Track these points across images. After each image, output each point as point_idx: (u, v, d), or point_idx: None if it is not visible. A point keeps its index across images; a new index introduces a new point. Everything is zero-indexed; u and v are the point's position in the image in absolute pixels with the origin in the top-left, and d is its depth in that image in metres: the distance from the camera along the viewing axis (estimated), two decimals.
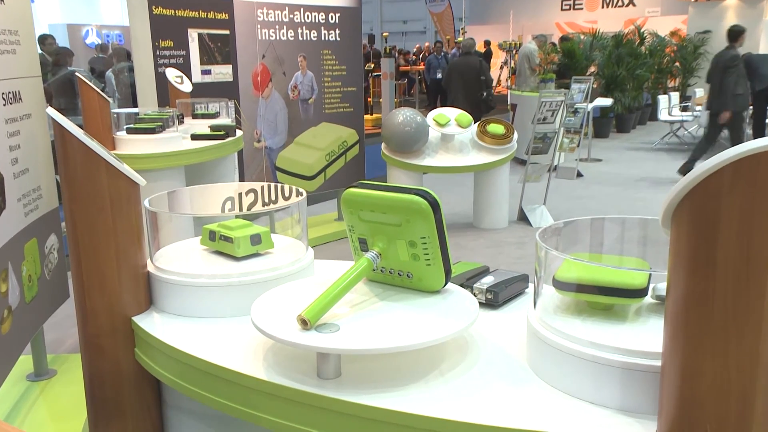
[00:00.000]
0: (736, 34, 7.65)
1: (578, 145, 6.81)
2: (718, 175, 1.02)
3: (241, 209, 2.32)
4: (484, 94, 9.06)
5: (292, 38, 5.35)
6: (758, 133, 8.95)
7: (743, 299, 1.02)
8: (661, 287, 1.52)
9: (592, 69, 11.92)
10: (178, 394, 1.90)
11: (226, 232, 2.00)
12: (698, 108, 10.31)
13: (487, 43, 19.40)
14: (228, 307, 1.85)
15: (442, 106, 11.94)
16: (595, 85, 10.47)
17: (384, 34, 19.94)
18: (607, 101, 10.40)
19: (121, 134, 3.70)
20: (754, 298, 1.02)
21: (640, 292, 1.43)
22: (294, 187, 2.18)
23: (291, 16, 5.29)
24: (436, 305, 1.58)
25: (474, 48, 9.61)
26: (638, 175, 8.25)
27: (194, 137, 3.96)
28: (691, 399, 1.09)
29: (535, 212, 6.12)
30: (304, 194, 2.08)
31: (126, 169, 1.85)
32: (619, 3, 20.05)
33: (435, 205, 1.51)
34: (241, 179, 4.97)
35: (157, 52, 4.38)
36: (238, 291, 1.84)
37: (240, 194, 2.34)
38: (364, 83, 7.01)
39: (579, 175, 8.02)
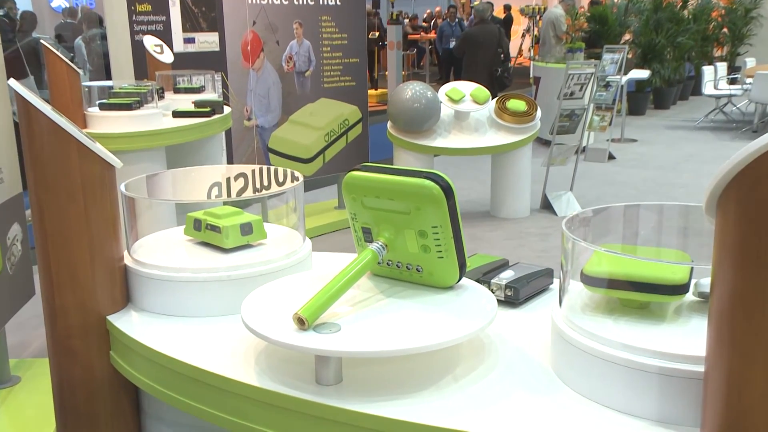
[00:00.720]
0: None
1: (610, 124, 6.80)
2: None
3: (229, 195, 2.32)
4: (499, 70, 9.04)
5: (287, 2, 5.33)
6: None
7: None
8: (705, 283, 1.51)
9: (627, 36, 11.86)
10: (159, 403, 1.91)
11: (212, 220, 2.01)
12: (749, 80, 10.26)
13: (507, 8, 19.32)
14: (215, 304, 1.86)
15: (455, 79, 11.91)
16: (629, 55, 10.42)
17: None
18: (643, 73, 10.35)
19: (94, 110, 3.71)
20: None
21: (681, 289, 1.43)
22: (289, 171, 2.18)
23: None
24: (449, 303, 1.58)
25: (490, 14, 9.57)
26: (679, 157, 8.23)
27: (176, 114, 3.97)
28: (739, 409, 1.09)
29: (561, 199, 6.11)
30: (301, 179, 2.09)
31: (100, 149, 1.85)
32: None
33: (448, 191, 1.51)
34: (230, 162, 4.98)
35: (134, 18, 4.38)
36: (227, 287, 1.85)
37: (228, 179, 2.35)
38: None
39: (611, 157, 8.01)
